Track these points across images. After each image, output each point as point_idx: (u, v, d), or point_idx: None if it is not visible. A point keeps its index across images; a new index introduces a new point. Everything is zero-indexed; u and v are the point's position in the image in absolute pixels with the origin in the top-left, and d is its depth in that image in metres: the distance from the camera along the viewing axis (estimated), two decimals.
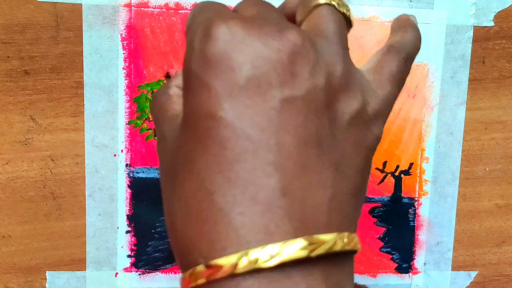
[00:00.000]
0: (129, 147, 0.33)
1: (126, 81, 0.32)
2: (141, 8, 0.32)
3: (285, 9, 0.22)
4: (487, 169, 0.36)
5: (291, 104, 0.16)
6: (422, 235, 0.36)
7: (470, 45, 0.35)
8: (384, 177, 0.35)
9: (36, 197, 0.33)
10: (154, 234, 0.34)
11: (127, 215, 0.34)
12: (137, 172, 0.33)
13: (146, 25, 0.32)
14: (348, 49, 0.20)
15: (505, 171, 0.37)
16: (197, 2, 0.32)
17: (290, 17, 0.21)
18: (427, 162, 0.36)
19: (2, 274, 0.33)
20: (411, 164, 0.35)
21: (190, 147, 0.17)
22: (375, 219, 0.36)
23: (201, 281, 0.16)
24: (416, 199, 0.36)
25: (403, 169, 0.36)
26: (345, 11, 0.20)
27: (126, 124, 0.33)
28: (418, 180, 0.36)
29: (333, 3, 0.20)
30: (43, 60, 0.32)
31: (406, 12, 0.33)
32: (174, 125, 0.19)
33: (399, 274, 0.36)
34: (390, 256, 0.36)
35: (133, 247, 0.34)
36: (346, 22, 0.21)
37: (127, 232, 0.34)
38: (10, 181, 0.33)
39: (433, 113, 0.35)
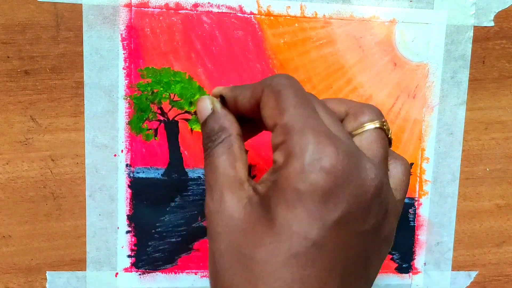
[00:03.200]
0: (129, 147, 0.33)
1: (126, 81, 0.32)
2: (141, 8, 0.32)
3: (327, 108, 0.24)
4: (487, 169, 0.36)
5: (361, 235, 0.20)
6: (422, 235, 0.36)
7: (470, 45, 0.35)
8: None
9: (36, 197, 0.33)
10: (154, 234, 0.34)
11: (127, 215, 0.34)
12: (137, 172, 0.33)
13: (146, 25, 0.32)
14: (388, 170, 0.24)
15: (505, 171, 0.37)
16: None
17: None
18: (427, 162, 0.36)
19: (2, 274, 0.33)
20: (411, 164, 0.35)
21: (273, 249, 0.19)
22: None
23: None
24: (416, 199, 0.36)
25: None
26: (390, 135, 0.24)
27: (126, 124, 0.33)
28: (418, 180, 0.36)
29: (385, 128, 0.23)
30: (43, 60, 0.32)
31: (406, 12, 0.34)
32: (242, 201, 0.21)
33: (399, 274, 0.37)
34: (390, 256, 0.36)
35: (133, 247, 0.34)
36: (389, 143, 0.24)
37: (127, 232, 0.34)
38: (10, 181, 0.33)
39: (433, 113, 0.35)
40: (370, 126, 0.23)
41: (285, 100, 0.21)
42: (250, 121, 0.25)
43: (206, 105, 0.24)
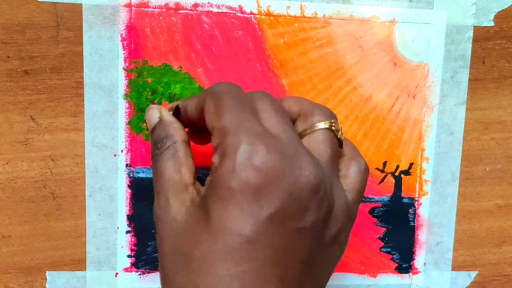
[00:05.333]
0: (129, 147, 0.33)
1: (126, 81, 0.32)
2: (141, 8, 0.32)
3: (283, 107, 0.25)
4: (487, 169, 0.36)
5: (300, 233, 0.20)
6: (422, 235, 0.36)
7: (470, 45, 0.35)
8: (384, 177, 0.35)
9: (36, 197, 0.33)
10: (154, 234, 0.34)
11: (127, 215, 0.34)
12: (137, 172, 0.33)
13: (146, 25, 0.32)
14: (338, 171, 0.24)
15: (505, 171, 0.37)
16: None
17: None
18: (427, 162, 0.36)
19: (2, 274, 0.33)
20: (411, 164, 0.36)
21: (209, 246, 0.20)
22: (375, 219, 0.36)
23: None
24: (416, 199, 0.36)
25: (403, 169, 0.36)
26: (340, 135, 0.24)
27: (126, 124, 0.33)
28: (418, 180, 0.36)
29: (333, 128, 0.24)
30: (43, 60, 0.32)
31: (406, 12, 0.34)
32: (185, 204, 0.22)
33: (399, 274, 0.37)
34: (390, 256, 0.36)
35: (133, 247, 0.34)
36: (339, 143, 0.24)
37: (127, 232, 0.34)
38: (10, 181, 0.33)
39: (433, 113, 0.35)
40: (319, 126, 0.23)
41: (222, 106, 0.22)
42: (200, 130, 0.26)
43: (154, 113, 0.26)
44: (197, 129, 0.27)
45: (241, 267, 0.19)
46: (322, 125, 0.23)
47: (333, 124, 0.24)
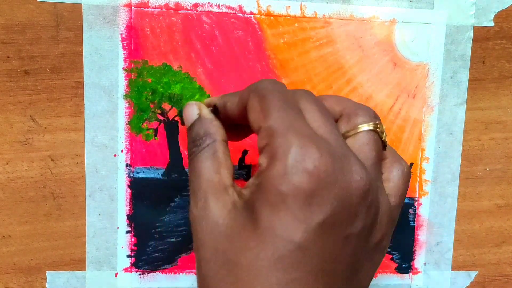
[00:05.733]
0: (129, 147, 0.33)
1: (126, 81, 0.32)
2: (141, 8, 0.32)
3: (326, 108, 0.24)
4: (487, 169, 0.36)
5: (347, 239, 0.20)
6: (422, 235, 0.36)
7: (470, 45, 0.35)
8: None
9: (36, 197, 0.33)
10: (154, 234, 0.34)
11: (127, 215, 0.34)
12: (137, 172, 0.33)
13: (146, 25, 0.32)
14: (382, 174, 0.24)
15: (505, 171, 0.37)
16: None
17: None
18: (427, 162, 0.36)
19: (2, 274, 0.33)
20: (411, 164, 0.35)
21: (257, 253, 0.19)
22: None
23: None
24: (416, 199, 0.36)
25: None
26: (384, 138, 0.23)
27: (126, 124, 0.33)
28: (418, 180, 0.36)
29: (378, 130, 0.23)
30: (43, 60, 0.32)
31: (406, 12, 0.34)
32: (227, 207, 0.21)
33: (399, 274, 0.37)
34: (390, 256, 0.36)
35: (133, 247, 0.34)
36: (382, 146, 0.24)
37: (127, 232, 0.34)
38: (10, 181, 0.33)
39: (433, 113, 0.35)
40: (363, 128, 0.22)
41: (270, 104, 0.21)
42: (237, 127, 0.26)
43: (193, 110, 0.25)
44: (231, 125, 0.26)
45: (290, 275, 0.19)
46: (366, 126, 0.22)
47: (378, 126, 0.23)
